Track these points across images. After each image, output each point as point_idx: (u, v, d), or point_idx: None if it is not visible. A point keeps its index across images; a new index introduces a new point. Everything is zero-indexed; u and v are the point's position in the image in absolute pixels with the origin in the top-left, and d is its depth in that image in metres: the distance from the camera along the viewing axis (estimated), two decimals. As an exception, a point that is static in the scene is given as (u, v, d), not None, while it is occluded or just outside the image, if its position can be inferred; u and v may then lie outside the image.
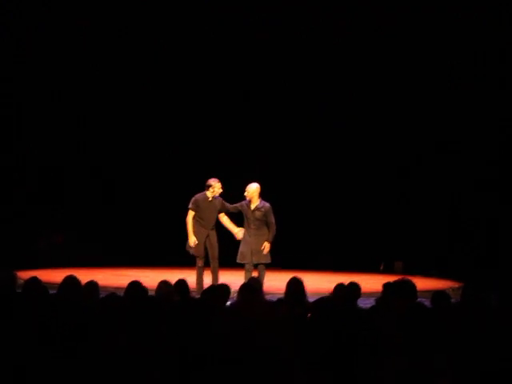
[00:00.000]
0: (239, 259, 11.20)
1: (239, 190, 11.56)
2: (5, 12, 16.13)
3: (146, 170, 17.30)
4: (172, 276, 7.56)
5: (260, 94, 17.26)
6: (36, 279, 6.03)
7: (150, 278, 8.87)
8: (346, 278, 7.22)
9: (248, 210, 11.14)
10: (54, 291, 6.05)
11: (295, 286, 6.60)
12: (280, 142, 17.29)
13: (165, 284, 6.47)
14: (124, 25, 16.71)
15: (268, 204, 11.19)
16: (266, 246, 11.08)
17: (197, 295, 8.33)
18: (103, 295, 5.72)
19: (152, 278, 7.23)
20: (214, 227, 11.37)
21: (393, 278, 6.84)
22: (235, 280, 8.63)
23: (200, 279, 11.09)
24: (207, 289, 6.47)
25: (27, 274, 7.24)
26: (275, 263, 11.34)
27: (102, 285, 6.45)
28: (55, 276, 9.30)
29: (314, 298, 5.91)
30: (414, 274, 13.69)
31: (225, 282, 6.80)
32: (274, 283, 10.51)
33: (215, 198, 11.32)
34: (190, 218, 11.25)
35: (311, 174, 17.25)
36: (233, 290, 6.38)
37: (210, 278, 11.17)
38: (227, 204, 11.42)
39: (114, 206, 17.19)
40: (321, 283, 12.02)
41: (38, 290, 5.85)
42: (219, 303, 5.94)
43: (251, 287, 6.08)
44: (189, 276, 7.50)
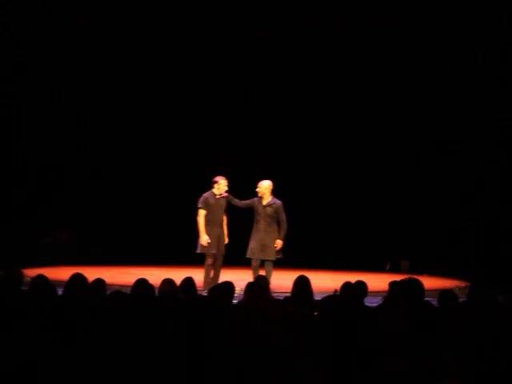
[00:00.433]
0: (248, 254, 11.21)
1: (242, 190, 11.57)
2: (5, 12, 16.10)
3: (146, 169, 17.29)
4: (178, 274, 7.54)
5: (261, 93, 17.26)
6: (43, 277, 6.02)
7: (155, 276, 8.86)
8: (352, 277, 7.20)
9: (259, 206, 11.15)
10: (61, 289, 6.04)
11: (302, 284, 6.61)
12: (285, 142, 17.32)
13: (168, 282, 6.46)
14: (124, 25, 16.71)
15: (279, 201, 11.21)
16: (279, 243, 11.09)
17: (204, 293, 8.34)
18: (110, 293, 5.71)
19: (158, 276, 7.23)
20: (222, 225, 11.38)
21: (399, 278, 6.81)
22: (238, 278, 8.62)
23: (208, 277, 11.11)
24: (214, 286, 6.46)
25: (33, 272, 7.24)
26: (281, 262, 11.33)
27: (108, 283, 6.43)
28: (62, 274, 9.30)
29: (321, 297, 5.90)
30: (421, 273, 13.70)
31: (228, 280, 6.79)
32: (281, 282, 10.52)
33: (221, 196, 11.33)
34: (201, 217, 11.25)
35: (317, 174, 17.28)
36: (238, 289, 6.38)
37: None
38: (237, 200, 11.42)
39: (118, 204, 17.16)
40: (327, 282, 12.02)
41: (45, 288, 5.84)
42: (226, 301, 5.93)
43: (258, 285, 6.08)
44: (195, 275, 7.48)
